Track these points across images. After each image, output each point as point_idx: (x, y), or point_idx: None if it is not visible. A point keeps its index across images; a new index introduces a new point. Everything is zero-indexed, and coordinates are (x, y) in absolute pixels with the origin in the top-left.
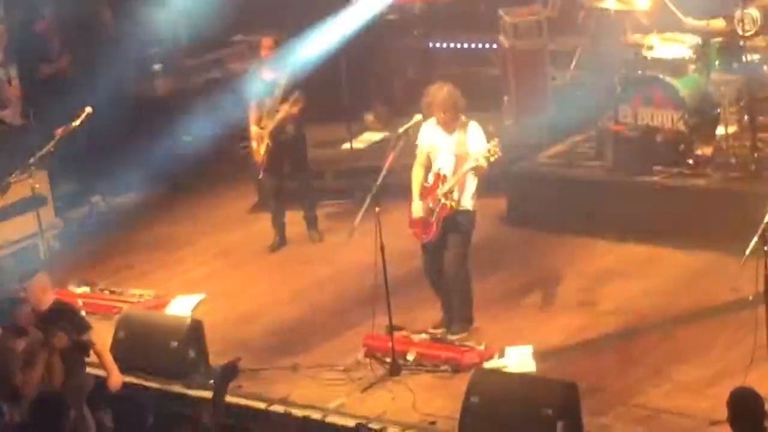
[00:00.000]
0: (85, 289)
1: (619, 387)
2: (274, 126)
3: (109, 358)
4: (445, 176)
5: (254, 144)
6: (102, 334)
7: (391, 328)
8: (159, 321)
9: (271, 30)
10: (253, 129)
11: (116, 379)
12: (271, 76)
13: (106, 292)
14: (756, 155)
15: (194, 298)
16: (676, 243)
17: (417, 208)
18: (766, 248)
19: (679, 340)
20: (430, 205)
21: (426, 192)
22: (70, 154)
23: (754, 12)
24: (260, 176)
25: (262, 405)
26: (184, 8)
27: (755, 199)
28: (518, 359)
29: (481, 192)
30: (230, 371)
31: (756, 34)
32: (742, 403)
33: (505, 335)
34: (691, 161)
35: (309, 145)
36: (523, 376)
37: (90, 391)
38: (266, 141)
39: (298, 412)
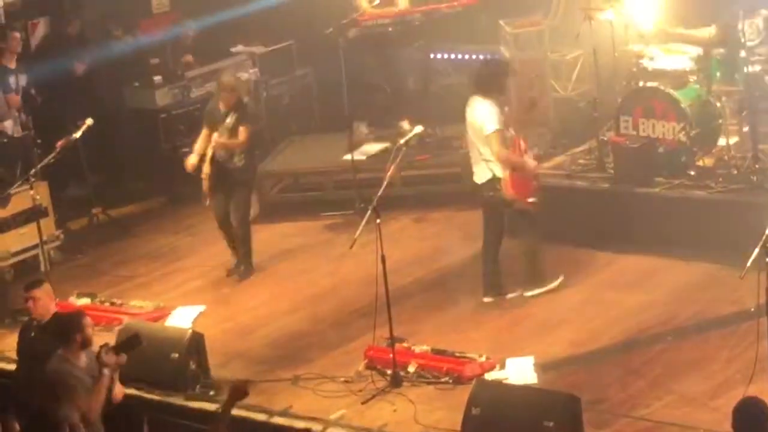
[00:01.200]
0: (86, 301)
1: (621, 399)
2: (212, 155)
3: None
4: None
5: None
6: None
7: (392, 340)
8: (159, 332)
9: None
10: (191, 158)
11: (118, 391)
12: (225, 108)
13: (107, 303)
14: (757, 166)
15: (195, 310)
16: (677, 254)
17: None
18: (767, 260)
19: (680, 352)
20: None
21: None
22: (71, 166)
23: (758, 22)
24: (206, 204)
25: (263, 417)
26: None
27: (757, 210)
28: (519, 371)
29: None
30: (240, 391)
31: (759, 44)
32: (750, 413)
33: (506, 347)
34: (692, 172)
35: (308, 159)
36: (524, 388)
37: None
38: (207, 170)
39: (299, 424)
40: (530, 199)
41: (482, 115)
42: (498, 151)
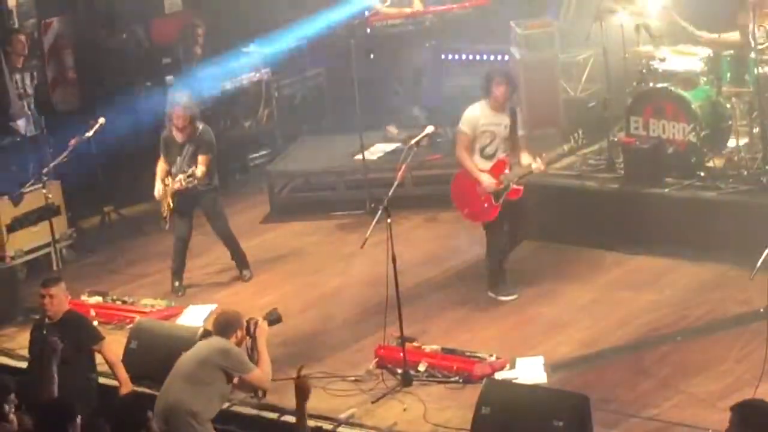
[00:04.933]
0: (98, 299)
1: (630, 399)
2: (173, 191)
3: (121, 369)
4: (506, 161)
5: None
6: (114, 345)
7: (403, 339)
8: (171, 331)
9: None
10: (157, 186)
11: (128, 389)
12: (182, 139)
13: (119, 302)
14: (767, 167)
15: (206, 308)
16: (686, 255)
17: (491, 184)
18: None
19: (689, 352)
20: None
21: (491, 174)
22: (83, 165)
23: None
24: (165, 228)
25: (273, 415)
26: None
27: (766, 211)
28: (529, 370)
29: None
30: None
31: None
32: (754, 415)
33: (516, 346)
34: (702, 173)
35: (319, 159)
36: (534, 388)
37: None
38: (168, 200)
39: (309, 423)
40: (465, 210)
41: (463, 114)
42: (456, 150)
